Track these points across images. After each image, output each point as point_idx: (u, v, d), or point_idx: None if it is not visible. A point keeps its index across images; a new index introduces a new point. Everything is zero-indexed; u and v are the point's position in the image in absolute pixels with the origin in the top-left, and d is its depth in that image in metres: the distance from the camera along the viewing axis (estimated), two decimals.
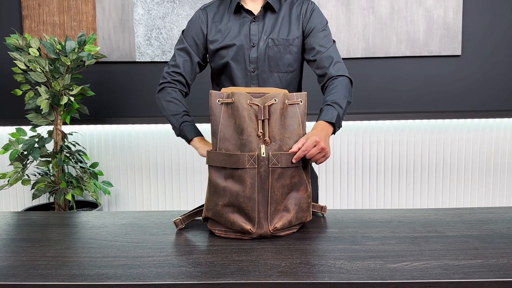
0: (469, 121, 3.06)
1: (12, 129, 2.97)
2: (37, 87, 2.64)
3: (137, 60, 3.01)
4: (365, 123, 3.05)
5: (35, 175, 2.83)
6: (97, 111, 3.05)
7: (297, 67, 1.72)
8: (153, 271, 1.04)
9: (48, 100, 2.62)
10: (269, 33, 1.65)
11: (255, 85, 1.67)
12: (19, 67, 2.63)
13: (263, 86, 1.66)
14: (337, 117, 1.45)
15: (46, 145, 2.86)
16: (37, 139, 2.73)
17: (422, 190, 3.11)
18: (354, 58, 3.00)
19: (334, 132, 1.45)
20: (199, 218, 1.38)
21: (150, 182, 3.13)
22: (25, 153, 2.71)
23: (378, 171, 3.09)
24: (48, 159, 2.76)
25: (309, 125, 1.73)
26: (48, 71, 2.62)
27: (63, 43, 2.66)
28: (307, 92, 1.34)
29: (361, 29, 2.97)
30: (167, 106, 1.66)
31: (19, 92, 2.73)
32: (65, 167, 2.87)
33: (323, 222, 1.38)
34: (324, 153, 1.30)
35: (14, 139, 2.71)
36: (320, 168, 3.07)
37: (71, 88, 2.65)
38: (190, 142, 1.62)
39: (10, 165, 2.75)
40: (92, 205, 2.97)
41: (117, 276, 1.02)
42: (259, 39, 1.65)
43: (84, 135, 3.09)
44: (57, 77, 2.65)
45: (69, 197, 2.67)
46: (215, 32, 1.68)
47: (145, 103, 3.07)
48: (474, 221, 1.36)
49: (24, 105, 2.84)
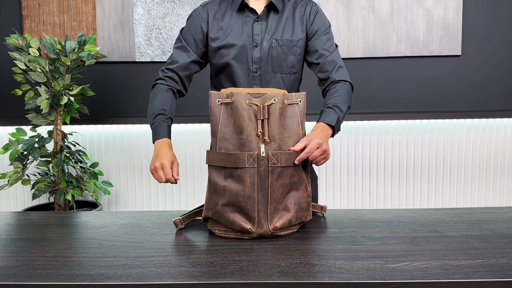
0: (469, 121, 3.06)
1: (12, 129, 2.97)
2: (37, 87, 2.64)
3: (137, 60, 3.01)
4: (365, 123, 3.05)
5: (35, 175, 2.83)
6: (97, 111, 3.05)
7: (300, 69, 1.70)
8: (153, 271, 1.04)
9: (48, 100, 2.62)
10: (272, 33, 1.62)
11: (257, 85, 1.64)
12: (19, 67, 2.63)
13: (265, 86, 1.64)
14: (337, 121, 1.46)
15: (46, 145, 2.86)
16: (37, 139, 2.73)
17: (422, 190, 3.11)
18: (354, 58, 3.00)
19: (332, 135, 1.46)
20: (199, 218, 1.38)
21: (150, 182, 3.13)
22: (25, 153, 2.71)
23: (378, 171, 3.09)
24: (48, 159, 2.76)
25: (308, 125, 1.73)
26: (48, 71, 2.62)
27: (63, 43, 2.66)
28: (306, 92, 1.34)
29: (361, 29, 2.97)
30: (150, 105, 1.66)
31: (19, 92, 2.73)
32: (65, 167, 2.87)
33: (323, 222, 1.38)
34: (325, 155, 1.32)
35: (14, 139, 2.71)
36: (320, 168, 3.07)
37: (71, 88, 2.65)
38: (155, 140, 1.55)
39: (10, 165, 2.75)
40: (92, 205, 2.97)
41: (117, 276, 1.02)
42: (262, 39, 1.62)
43: (84, 135, 3.09)
44: (57, 77, 2.65)
45: (69, 197, 2.67)
46: (216, 29, 1.64)
47: (145, 103, 3.05)
48: (474, 221, 1.36)
49: (24, 105, 2.84)
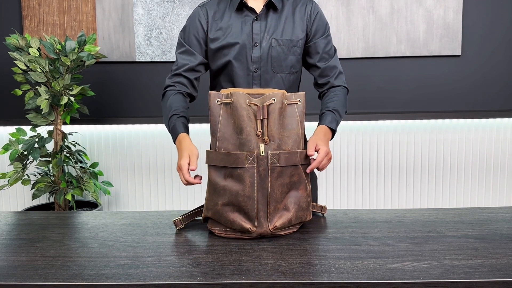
0: (469, 121, 3.06)
1: (12, 129, 2.97)
2: (37, 87, 2.64)
3: (137, 60, 3.01)
4: (365, 123, 3.05)
5: (35, 175, 2.83)
6: (97, 111, 3.05)
7: (299, 69, 1.70)
8: (153, 271, 1.04)
9: (48, 100, 2.62)
10: (272, 32, 1.61)
11: (257, 85, 1.63)
12: (19, 67, 2.63)
13: (265, 86, 1.63)
14: (336, 124, 1.54)
15: (46, 145, 2.86)
16: (37, 139, 2.73)
17: (422, 190, 3.11)
18: (354, 58, 3.00)
19: (331, 138, 1.53)
20: (199, 218, 1.38)
21: (150, 182, 3.13)
22: (25, 153, 2.71)
23: (378, 171, 3.09)
24: (48, 159, 2.76)
25: (307, 125, 1.73)
26: (48, 71, 2.61)
27: (63, 43, 2.66)
28: (305, 92, 1.35)
29: (361, 29, 2.97)
30: (163, 114, 1.58)
31: (19, 92, 2.73)
32: (65, 167, 2.87)
33: (323, 222, 1.38)
34: (330, 161, 1.38)
35: (14, 139, 2.71)
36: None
37: (71, 88, 2.65)
38: (175, 141, 1.46)
39: (10, 165, 2.75)
40: (92, 205, 2.97)
41: (117, 276, 1.02)
42: (261, 38, 1.61)
43: (84, 135, 3.09)
44: (57, 77, 2.65)
45: (69, 197, 2.67)
46: (216, 30, 1.63)
47: (145, 103, 3.07)
48: (474, 221, 1.36)
49: (24, 105, 2.84)
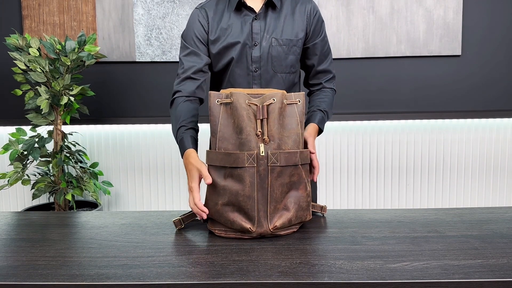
0: (469, 121, 3.06)
1: (12, 129, 2.97)
2: (37, 87, 2.64)
3: (137, 60, 3.01)
4: (365, 123, 3.05)
5: (35, 175, 2.83)
6: (97, 111, 3.05)
7: (298, 68, 1.70)
8: (153, 271, 1.04)
9: (48, 100, 2.62)
10: (272, 32, 1.60)
11: (257, 85, 1.62)
12: (19, 67, 2.63)
13: (265, 86, 1.63)
14: (324, 125, 1.63)
15: (46, 145, 2.86)
16: (37, 139, 2.73)
17: (422, 190, 3.11)
18: (354, 58, 3.00)
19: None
20: (199, 218, 1.38)
21: (150, 182, 3.13)
22: (25, 153, 2.71)
23: (378, 171, 3.09)
24: (48, 159, 2.76)
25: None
26: (48, 71, 2.61)
27: (63, 43, 2.66)
28: (304, 92, 1.35)
29: (361, 29, 2.97)
30: (171, 123, 1.55)
31: (19, 92, 2.73)
32: (65, 167, 2.87)
33: (323, 222, 1.38)
34: None
35: (14, 139, 2.71)
36: (320, 168, 3.07)
37: (71, 88, 2.65)
38: (183, 155, 1.42)
39: (10, 165, 2.75)
40: (92, 205, 2.97)
41: (117, 276, 1.02)
42: (261, 38, 1.60)
43: (84, 135, 3.09)
44: (57, 77, 2.65)
45: (69, 197, 2.67)
46: (216, 31, 1.61)
47: (145, 103, 3.07)
48: (474, 221, 1.36)
49: (24, 105, 2.84)
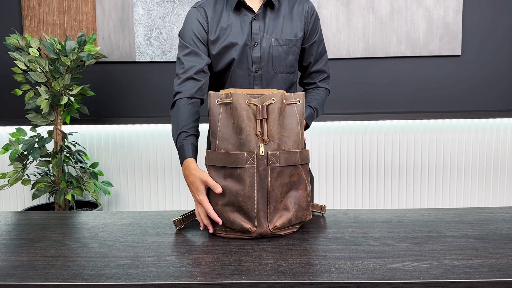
0: (469, 121, 3.06)
1: (12, 129, 2.97)
2: (37, 87, 2.64)
3: (137, 60, 3.01)
4: (365, 123, 3.05)
5: (35, 175, 2.83)
6: (97, 111, 3.05)
7: (297, 67, 1.71)
8: (153, 271, 1.04)
9: (48, 100, 2.62)
10: (271, 32, 1.59)
11: (258, 85, 1.61)
12: (19, 67, 2.63)
13: (266, 86, 1.62)
14: (312, 121, 1.67)
15: (46, 145, 2.86)
16: (37, 139, 2.73)
17: (422, 190, 3.11)
18: (354, 58, 3.00)
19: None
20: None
21: (150, 182, 3.13)
22: (25, 153, 2.71)
23: (378, 171, 3.09)
24: (48, 159, 2.76)
25: (312, 125, 1.74)
26: (48, 71, 2.61)
27: (63, 43, 2.66)
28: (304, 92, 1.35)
29: (361, 29, 2.97)
30: (171, 127, 1.51)
31: (19, 92, 2.73)
32: (65, 167, 2.87)
33: (323, 222, 1.38)
34: None
35: (14, 139, 2.71)
36: (320, 168, 3.07)
37: (71, 88, 2.65)
38: (182, 164, 1.39)
39: (10, 165, 2.75)
40: (92, 205, 2.97)
41: (117, 276, 1.02)
42: (261, 38, 1.59)
43: (84, 135, 3.09)
44: (57, 77, 2.65)
45: (69, 197, 2.67)
46: (216, 30, 1.59)
47: (145, 103, 3.07)
48: (474, 221, 1.36)
49: (24, 105, 2.84)
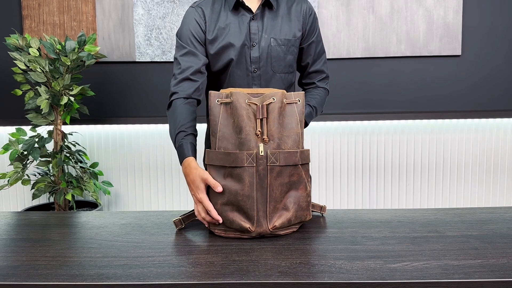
0: (469, 121, 3.06)
1: (12, 129, 2.97)
2: (37, 87, 2.64)
3: (137, 60, 3.01)
4: (365, 123, 3.05)
5: (35, 175, 2.83)
6: (97, 111, 3.05)
7: (295, 67, 1.71)
8: (153, 271, 1.04)
9: (48, 100, 2.62)
10: (270, 32, 1.59)
11: (257, 85, 1.61)
12: (19, 67, 2.63)
13: (265, 86, 1.62)
14: (310, 120, 1.66)
15: (46, 145, 2.86)
16: (37, 139, 2.73)
17: (422, 190, 3.11)
18: (354, 58, 3.00)
19: None
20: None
21: (150, 182, 3.13)
22: (25, 153, 2.71)
23: (378, 171, 3.09)
24: (48, 159, 2.76)
25: (312, 125, 1.74)
26: (48, 71, 2.61)
27: (63, 43, 2.66)
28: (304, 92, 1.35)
29: (361, 29, 2.97)
30: (169, 126, 1.51)
31: (19, 92, 2.73)
32: (65, 167, 2.87)
33: (323, 222, 1.38)
34: None
35: (14, 139, 2.71)
36: (319, 168, 3.07)
37: (71, 88, 2.65)
38: (182, 163, 1.39)
39: (10, 165, 2.75)
40: (92, 205, 2.97)
41: (117, 276, 1.02)
42: (260, 38, 1.58)
43: (84, 135, 3.09)
44: (57, 77, 2.65)
45: (69, 197, 2.67)
46: (214, 30, 1.59)
47: (145, 103, 3.07)
48: (474, 221, 1.36)
49: (24, 105, 2.84)
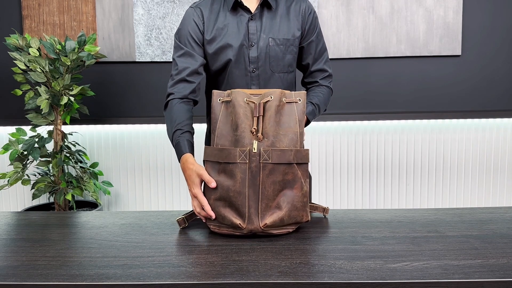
0: (469, 121, 3.06)
1: (12, 129, 2.97)
2: (37, 87, 2.64)
3: (137, 60, 3.01)
4: (365, 123, 3.05)
5: (35, 175, 2.82)
6: (97, 111, 3.05)
7: (295, 67, 1.70)
8: (153, 271, 1.04)
9: (48, 100, 2.62)
10: (268, 31, 1.59)
11: (255, 85, 1.61)
12: (19, 67, 2.63)
13: (264, 86, 1.62)
14: (313, 118, 1.64)
15: (46, 145, 2.86)
16: (37, 139, 2.73)
17: (422, 190, 3.11)
18: (354, 58, 3.00)
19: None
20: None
21: (150, 182, 3.13)
22: (25, 153, 2.71)
23: (378, 171, 3.09)
24: (48, 159, 2.76)
25: (312, 125, 1.74)
26: (48, 71, 2.61)
27: (63, 43, 2.66)
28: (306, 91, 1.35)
29: (361, 29, 2.97)
30: (166, 126, 1.54)
31: (19, 92, 2.73)
32: (65, 167, 2.87)
33: (323, 222, 1.38)
34: None
35: (14, 139, 2.71)
36: (319, 168, 3.07)
37: (71, 88, 2.65)
38: (180, 160, 1.42)
39: (10, 165, 2.75)
40: (92, 205, 2.97)
41: (117, 276, 1.02)
42: (258, 38, 1.58)
43: (84, 135, 3.09)
44: (57, 77, 2.65)
45: (69, 197, 2.67)
46: (212, 30, 1.59)
47: (145, 103, 3.07)
48: (474, 221, 1.36)
49: (24, 105, 2.84)
